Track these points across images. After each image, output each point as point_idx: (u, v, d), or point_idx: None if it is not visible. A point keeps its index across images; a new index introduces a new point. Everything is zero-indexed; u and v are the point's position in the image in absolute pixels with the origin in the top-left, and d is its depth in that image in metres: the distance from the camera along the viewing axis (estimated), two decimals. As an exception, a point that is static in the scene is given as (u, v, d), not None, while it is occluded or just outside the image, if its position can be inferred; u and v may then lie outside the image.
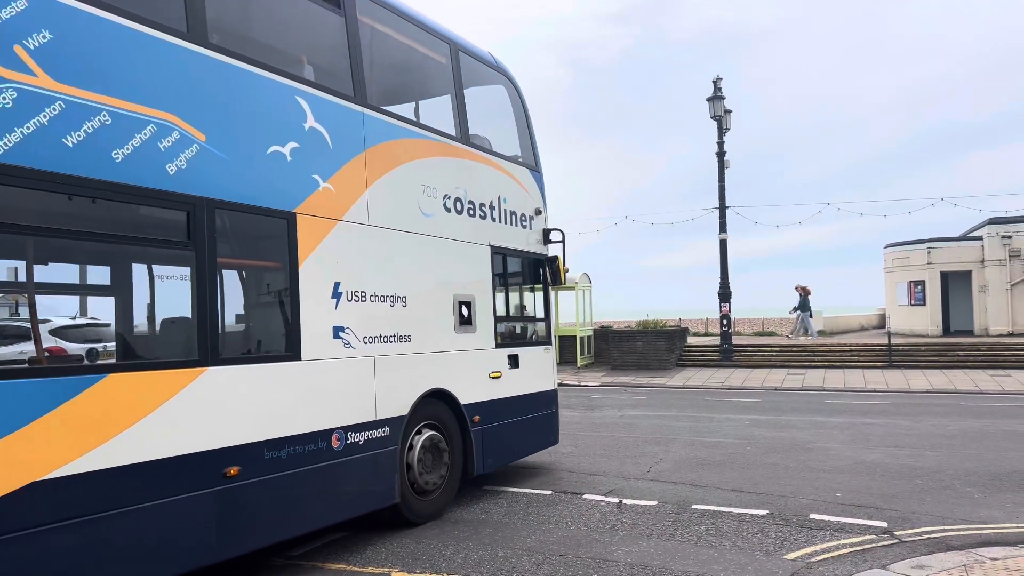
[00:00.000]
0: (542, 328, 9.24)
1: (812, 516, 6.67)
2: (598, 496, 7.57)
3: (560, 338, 22.20)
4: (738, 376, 20.31)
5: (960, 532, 6.12)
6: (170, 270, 5.16)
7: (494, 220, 8.15)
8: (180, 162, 4.75)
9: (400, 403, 6.54)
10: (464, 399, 7.36)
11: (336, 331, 5.92)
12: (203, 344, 4.83)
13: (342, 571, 5.54)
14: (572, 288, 23.23)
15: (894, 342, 21.69)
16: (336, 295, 5.94)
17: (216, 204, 4.95)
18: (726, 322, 23.17)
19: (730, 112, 23.18)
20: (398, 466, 6.45)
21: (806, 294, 26.08)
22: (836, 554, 5.63)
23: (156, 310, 5.26)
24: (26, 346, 4.57)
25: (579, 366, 23.63)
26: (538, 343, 9.06)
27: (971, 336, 25.40)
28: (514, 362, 8.27)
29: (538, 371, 8.85)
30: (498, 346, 8.06)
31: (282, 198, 5.50)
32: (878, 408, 14.32)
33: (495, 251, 8.10)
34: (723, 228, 23.38)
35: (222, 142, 5.06)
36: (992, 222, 26.34)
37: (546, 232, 9.18)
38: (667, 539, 6.09)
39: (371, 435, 6.15)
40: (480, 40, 8.05)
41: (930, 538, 5.96)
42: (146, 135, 4.56)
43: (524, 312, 9.07)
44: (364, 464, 6.07)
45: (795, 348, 23.35)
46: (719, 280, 23.30)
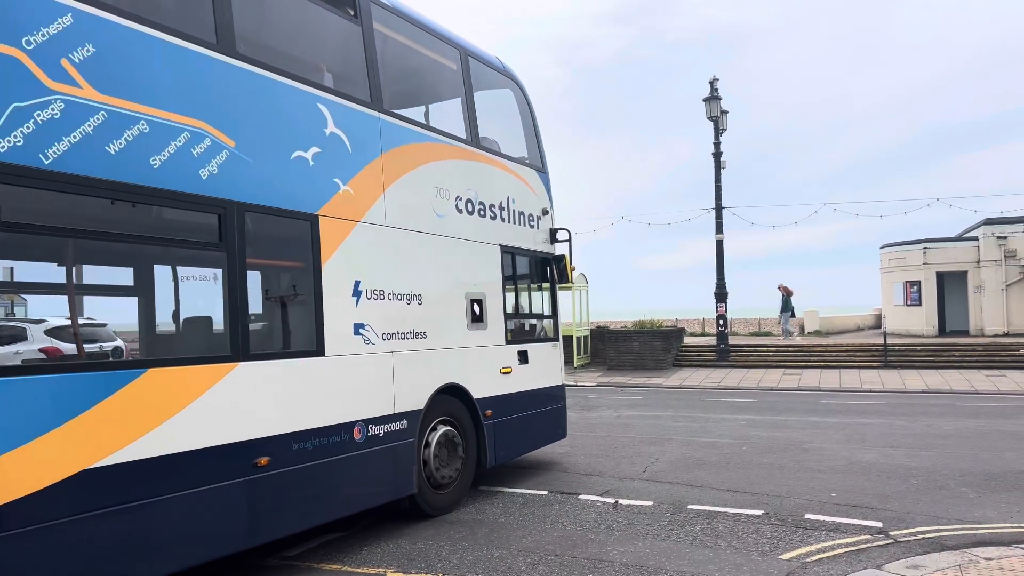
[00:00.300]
0: (550, 325, 9.45)
1: (807, 516, 6.68)
2: (594, 496, 7.58)
3: (557, 338, 22.15)
4: (734, 376, 20.33)
5: (955, 532, 6.13)
6: (203, 271, 5.38)
7: (503, 220, 8.37)
8: (212, 167, 4.97)
9: (417, 397, 6.75)
10: (477, 394, 7.55)
11: (357, 328, 6.13)
12: (235, 340, 5.06)
13: (337, 572, 5.53)
14: (569, 288, 23.21)
15: (890, 342, 21.74)
16: (356, 293, 6.16)
17: (245, 207, 5.17)
18: (722, 322, 23.20)
19: (726, 113, 23.19)
20: (415, 458, 6.67)
21: (788, 295, 26.24)
22: (831, 554, 5.64)
23: (191, 308, 5.50)
24: (68, 345, 4.79)
25: (576, 366, 23.64)
26: (546, 340, 9.28)
27: (967, 336, 25.45)
28: (523, 358, 8.47)
29: (546, 367, 9.06)
30: (508, 342, 8.26)
31: (305, 201, 5.73)
32: (874, 408, 14.35)
33: (504, 250, 8.32)
34: (719, 228, 23.42)
35: (250, 148, 5.28)
36: (988, 223, 26.41)
37: (553, 232, 9.40)
38: (663, 539, 6.10)
39: (390, 428, 6.38)
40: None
41: (925, 538, 5.97)
42: (180, 142, 4.78)
43: (532, 309, 9.25)
44: (384, 456, 6.29)
45: (791, 348, 23.38)
46: (715, 280, 23.35)
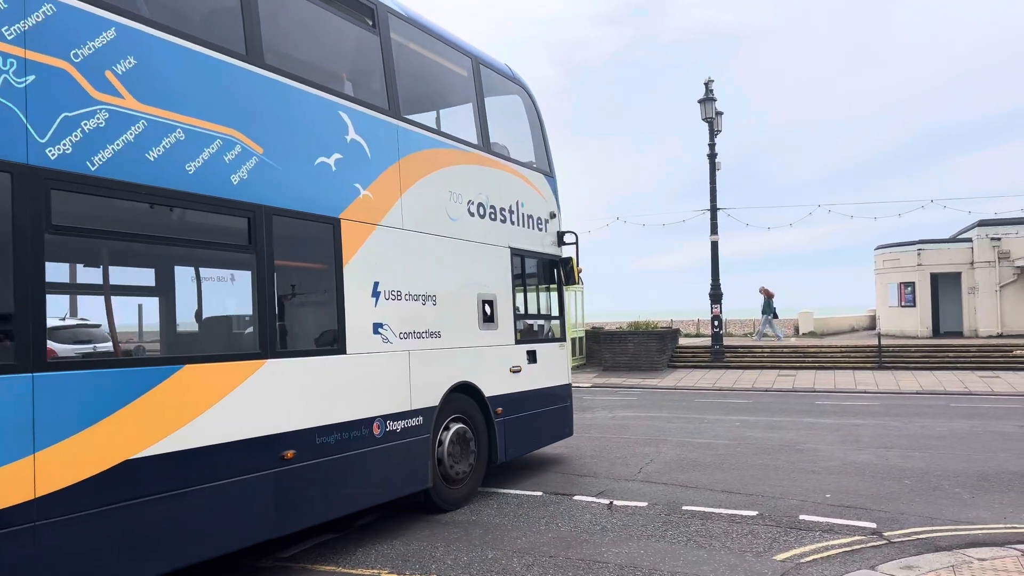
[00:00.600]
0: (557, 326, 9.67)
1: (802, 517, 6.69)
2: (589, 497, 7.58)
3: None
4: (729, 377, 20.36)
5: (948, 533, 6.15)
6: (233, 272, 5.60)
7: (513, 223, 8.59)
8: (242, 173, 5.19)
9: (432, 395, 6.97)
10: (488, 392, 7.78)
11: (376, 327, 6.35)
12: (263, 338, 5.29)
13: (332, 573, 5.53)
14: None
15: (884, 343, 21.78)
16: (375, 294, 6.38)
17: (273, 211, 5.38)
18: (717, 323, 23.23)
19: (721, 114, 23.21)
20: (430, 453, 6.89)
21: (769, 297, 26.48)
22: (825, 555, 5.65)
23: (221, 307, 5.77)
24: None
25: (571, 367, 23.63)
26: (553, 340, 9.50)
27: (960, 337, 25.52)
28: (532, 357, 8.71)
29: (554, 366, 9.31)
30: (518, 342, 8.48)
31: (328, 205, 5.95)
32: (868, 409, 14.38)
33: (514, 253, 8.54)
34: (714, 230, 23.44)
35: (277, 154, 5.50)
36: (981, 224, 26.49)
37: (560, 234, 9.61)
38: (657, 540, 6.10)
39: (407, 424, 6.61)
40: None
41: (918, 539, 5.99)
42: (213, 149, 4.99)
43: (540, 310, 9.47)
44: (401, 451, 6.51)
45: (786, 349, 23.43)
46: (710, 282, 23.37)
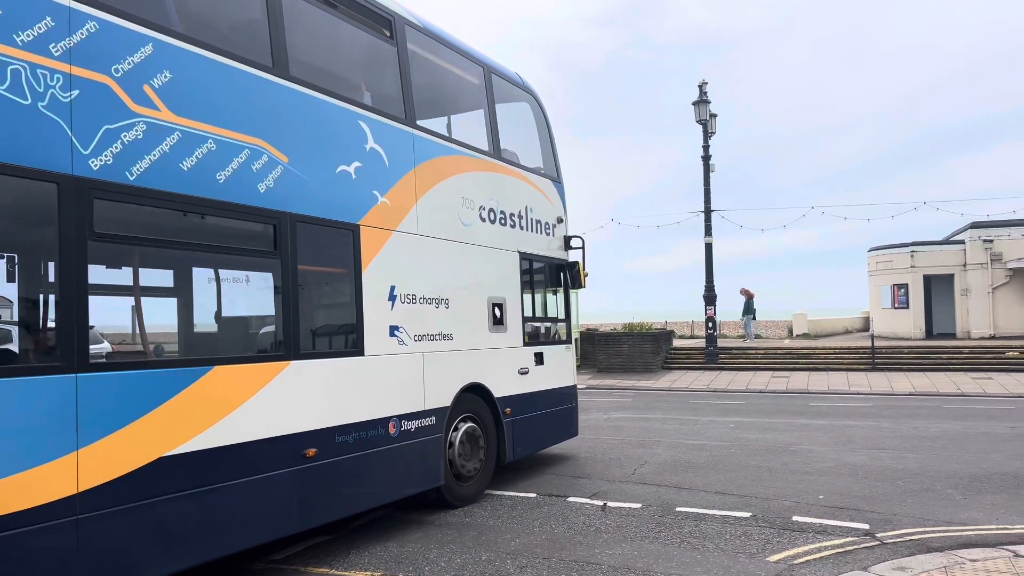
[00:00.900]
0: (563, 328, 9.82)
1: (795, 518, 6.71)
2: (582, 499, 7.58)
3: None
4: (723, 379, 20.39)
5: (940, 534, 6.16)
6: (259, 276, 5.73)
7: (522, 228, 8.77)
8: (269, 182, 5.36)
9: (444, 395, 7.16)
10: (497, 392, 7.97)
11: (392, 330, 6.54)
12: (287, 340, 5.47)
13: (325, 575, 5.51)
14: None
15: (877, 345, 21.85)
16: (392, 297, 6.56)
17: (297, 218, 5.57)
18: (711, 325, 23.27)
19: (715, 116, 23.25)
20: (442, 452, 7.08)
21: (750, 298, 26.77)
22: (818, 556, 5.66)
23: (248, 310, 5.94)
24: (136, 344, 5.07)
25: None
26: (560, 342, 9.66)
27: (953, 339, 25.62)
28: (539, 359, 8.89)
29: (560, 368, 9.45)
30: (525, 344, 8.67)
31: (348, 212, 6.14)
32: (861, 410, 14.43)
33: (523, 257, 8.72)
34: (708, 231, 23.48)
35: (301, 163, 5.67)
36: (974, 226, 26.59)
37: (567, 239, 9.81)
38: (651, 541, 6.11)
39: (421, 423, 6.80)
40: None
41: (911, 540, 6.00)
42: (242, 158, 5.17)
43: (548, 313, 9.61)
44: (415, 449, 6.70)
45: (780, 351, 23.48)
46: (704, 283, 23.42)
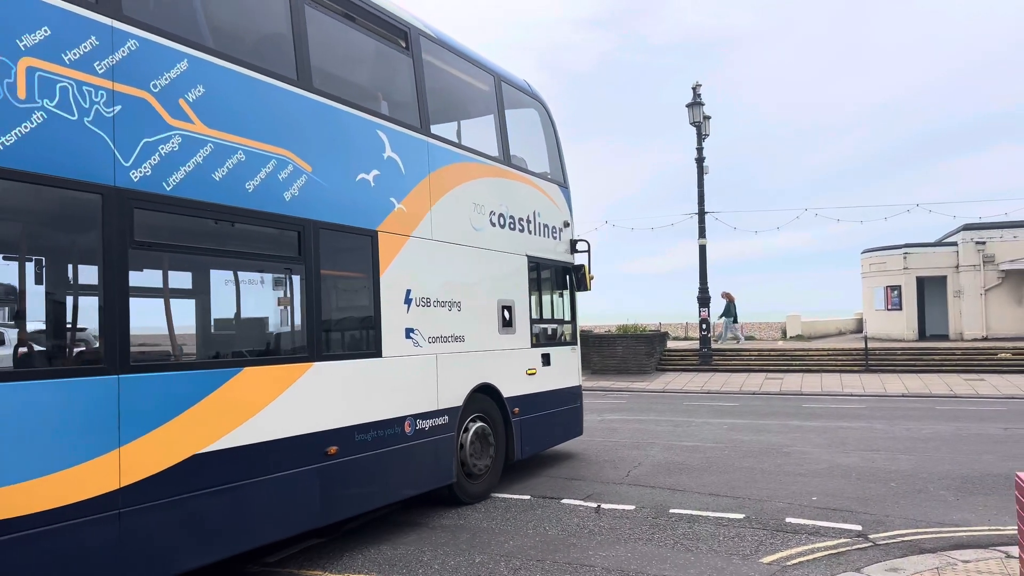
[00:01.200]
0: (569, 330, 10.04)
1: (788, 520, 6.72)
2: (576, 501, 7.58)
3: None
4: (717, 380, 20.42)
5: (933, 535, 6.18)
6: (284, 280, 5.93)
7: (530, 233, 9.01)
8: (294, 190, 5.58)
9: (456, 395, 7.38)
10: (506, 393, 8.20)
11: (408, 332, 6.76)
12: (311, 342, 5.69)
13: (317, 578, 5.50)
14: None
15: (871, 346, 21.90)
16: (407, 301, 6.77)
17: (320, 225, 5.80)
18: (705, 327, 23.30)
19: (709, 118, 23.31)
20: (455, 450, 7.30)
21: (731, 301, 26.97)
22: (811, 557, 5.68)
23: (273, 313, 6.06)
24: (166, 345, 5.21)
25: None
26: (566, 344, 9.88)
27: (946, 341, 25.68)
28: (546, 360, 9.13)
29: (566, 369, 9.70)
30: (533, 346, 8.92)
31: (367, 218, 6.36)
32: (854, 412, 14.47)
33: (531, 260, 8.96)
34: (702, 233, 23.52)
35: (324, 172, 5.88)
36: (967, 228, 26.69)
37: (573, 243, 10.06)
38: (644, 543, 6.11)
39: (434, 422, 7.02)
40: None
41: (904, 541, 6.02)
42: (269, 168, 5.37)
43: (554, 315, 9.77)
44: (429, 447, 6.91)
45: (773, 353, 23.52)
46: (698, 285, 23.46)
